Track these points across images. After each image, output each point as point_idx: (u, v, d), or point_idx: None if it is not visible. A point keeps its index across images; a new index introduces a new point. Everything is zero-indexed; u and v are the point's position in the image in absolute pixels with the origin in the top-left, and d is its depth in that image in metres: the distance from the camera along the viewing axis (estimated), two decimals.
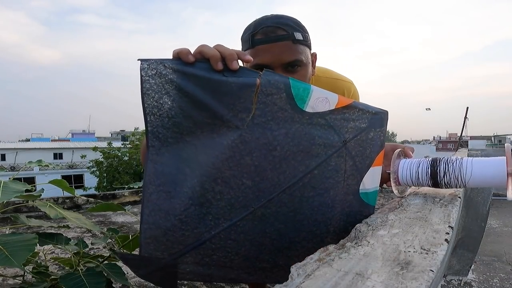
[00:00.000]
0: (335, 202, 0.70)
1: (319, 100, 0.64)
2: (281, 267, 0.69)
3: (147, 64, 0.57)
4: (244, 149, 0.62)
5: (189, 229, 0.62)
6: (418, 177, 0.82)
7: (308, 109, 0.64)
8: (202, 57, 0.60)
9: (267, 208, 0.65)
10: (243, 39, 0.86)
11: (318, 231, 0.70)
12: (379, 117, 0.71)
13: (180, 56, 0.58)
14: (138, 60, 0.58)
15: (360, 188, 0.71)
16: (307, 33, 0.86)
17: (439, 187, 0.81)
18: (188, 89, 0.58)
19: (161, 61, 0.58)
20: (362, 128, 0.69)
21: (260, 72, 0.61)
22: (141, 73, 0.57)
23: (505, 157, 0.73)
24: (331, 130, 0.66)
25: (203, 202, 0.61)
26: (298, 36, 0.82)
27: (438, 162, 0.81)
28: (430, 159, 0.83)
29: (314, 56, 0.93)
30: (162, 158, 0.59)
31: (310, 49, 0.89)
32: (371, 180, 0.72)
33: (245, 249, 0.66)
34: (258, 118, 0.61)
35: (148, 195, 0.59)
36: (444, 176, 0.78)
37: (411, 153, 0.87)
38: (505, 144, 0.76)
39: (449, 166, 0.78)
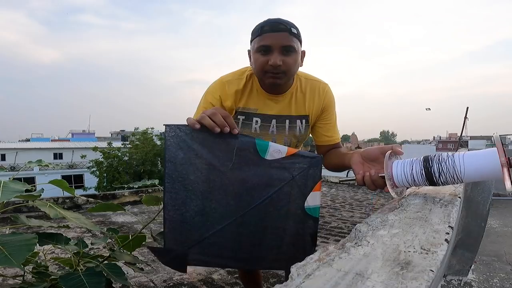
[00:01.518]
0: (288, 214, 1.02)
1: (275, 151, 0.98)
2: (258, 257, 1.04)
3: (169, 128, 0.90)
4: (229, 183, 0.96)
5: (195, 230, 0.95)
6: (414, 179, 0.81)
7: (268, 157, 0.97)
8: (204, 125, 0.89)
9: (244, 218, 0.98)
10: (253, 31, 1.14)
11: (279, 233, 1.03)
12: (316, 159, 1.02)
13: (189, 124, 0.89)
14: (164, 125, 0.90)
15: (305, 205, 1.02)
16: (300, 32, 1.14)
17: (436, 185, 0.81)
18: (193, 146, 0.91)
19: (178, 126, 0.90)
20: (304, 168, 1.01)
21: (239, 134, 0.94)
22: (165, 135, 0.90)
23: (495, 148, 0.72)
24: (284, 169, 0.99)
25: (203, 214, 0.95)
26: (294, 31, 1.11)
27: (430, 162, 0.80)
28: (421, 158, 0.82)
29: (303, 53, 1.19)
30: (175, 190, 0.92)
31: (301, 44, 1.15)
32: (312, 200, 1.03)
33: (231, 244, 0.99)
34: (237, 164, 0.95)
35: (167, 211, 0.92)
36: (440, 176, 0.78)
37: (399, 150, 0.91)
38: (493, 135, 0.74)
39: (442, 165, 0.78)
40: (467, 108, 10.64)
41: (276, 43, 1.08)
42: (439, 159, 0.79)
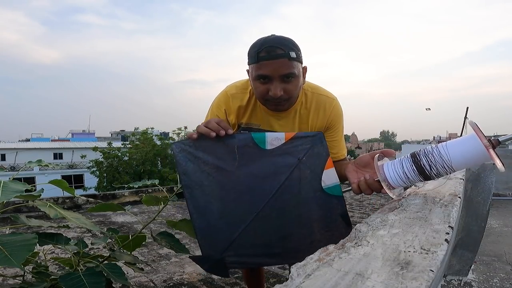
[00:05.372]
0: (308, 198, 1.01)
1: (273, 139, 0.99)
2: (291, 249, 1.02)
3: (175, 145, 0.99)
4: (238, 181, 0.99)
5: (223, 233, 0.99)
6: (408, 177, 0.82)
7: (268, 146, 0.99)
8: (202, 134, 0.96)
9: (264, 211, 0.99)
10: (249, 55, 1.06)
11: (304, 220, 1.01)
12: (318, 137, 1.02)
13: (189, 137, 0.97)
14: (171, 144, 1.12)
15: (322, 185, 1.01)
16: (300, 51, 1.07)
17: (431, 179, 0.82)
18: (199, 155, 0.98)
19: (182, 142, 0.99)
20: (308, 148, 1.00)
21: (237, 132, 1.00)
22: (174, 151, 0.99)
23: (473, 133, 0.73)
24: (287, 155, 1.00)
25: (225, 215, 0.99)
26: (293, 54, 1.03)
27: (418, 156, 0.81)
28: (409, 155, 0.83)
29: (305, 69, 1.12)
30: (194, 197, 0.98)
31: (301, 63, 1.09)
32: (328, 178, 1.01)
33: (261, 240, 1.01)
34: (241, 161, 0.98)
35: (194, 219, 0.99)
36: (431, 169, 0.79)
37: (388, 150, 0.93)
38: (468, 121, 0.76)
39: (430, 157, 0.79)
40: (467, 108, 10.63)
41: (274, 72, 1.02)
42: (425, 152, 0.80)
